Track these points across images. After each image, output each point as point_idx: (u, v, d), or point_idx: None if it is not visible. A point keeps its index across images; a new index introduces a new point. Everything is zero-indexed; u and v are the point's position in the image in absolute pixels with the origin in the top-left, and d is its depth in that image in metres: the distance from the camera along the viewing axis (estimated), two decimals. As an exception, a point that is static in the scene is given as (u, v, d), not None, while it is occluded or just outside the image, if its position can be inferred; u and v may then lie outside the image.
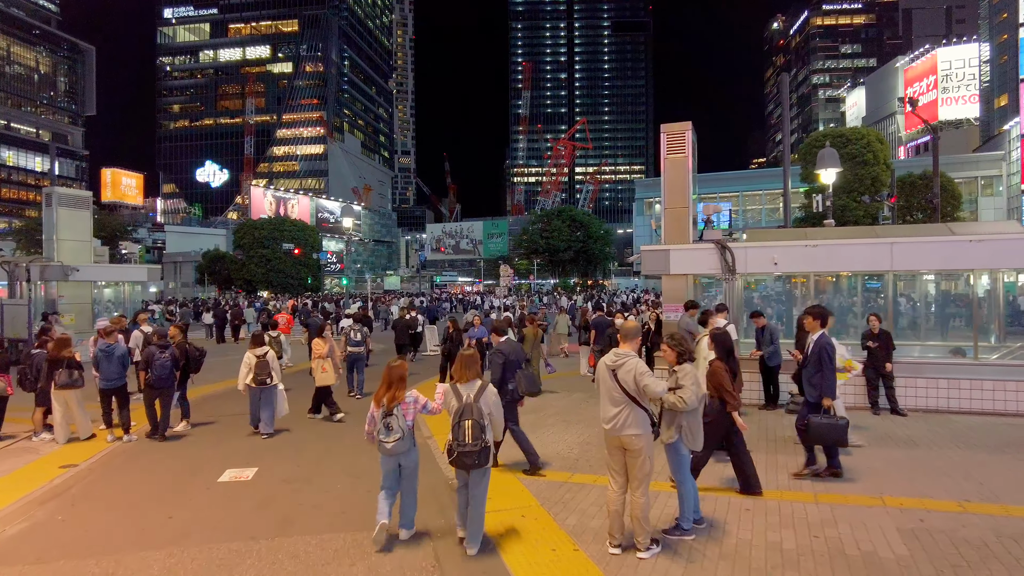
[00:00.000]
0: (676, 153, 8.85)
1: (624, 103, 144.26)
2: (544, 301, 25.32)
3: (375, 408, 3.95)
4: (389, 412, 3.87)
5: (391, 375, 3.97)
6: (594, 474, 5.40)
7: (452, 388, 3.91)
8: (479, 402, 3.79)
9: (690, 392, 3.74)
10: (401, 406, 3.90)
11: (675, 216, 8.89)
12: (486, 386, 3.92)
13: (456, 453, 3.69)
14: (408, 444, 3.93)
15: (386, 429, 3.85)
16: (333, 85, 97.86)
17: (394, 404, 3.88)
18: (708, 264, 8.52)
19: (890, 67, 74.52)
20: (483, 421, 3.74)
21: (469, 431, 3.67)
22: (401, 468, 3.98)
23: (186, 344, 7.50)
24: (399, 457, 3.94)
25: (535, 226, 58.28)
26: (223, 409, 9.01)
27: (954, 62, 64.13)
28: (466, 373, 3.92)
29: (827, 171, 12.46)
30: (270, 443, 7.01)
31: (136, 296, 15.95)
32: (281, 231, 46.40)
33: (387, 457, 3.94)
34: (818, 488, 4.90)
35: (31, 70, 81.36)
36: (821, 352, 4.93)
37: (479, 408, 3.76)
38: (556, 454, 6.14)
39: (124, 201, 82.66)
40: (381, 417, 3.89)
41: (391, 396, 3.91)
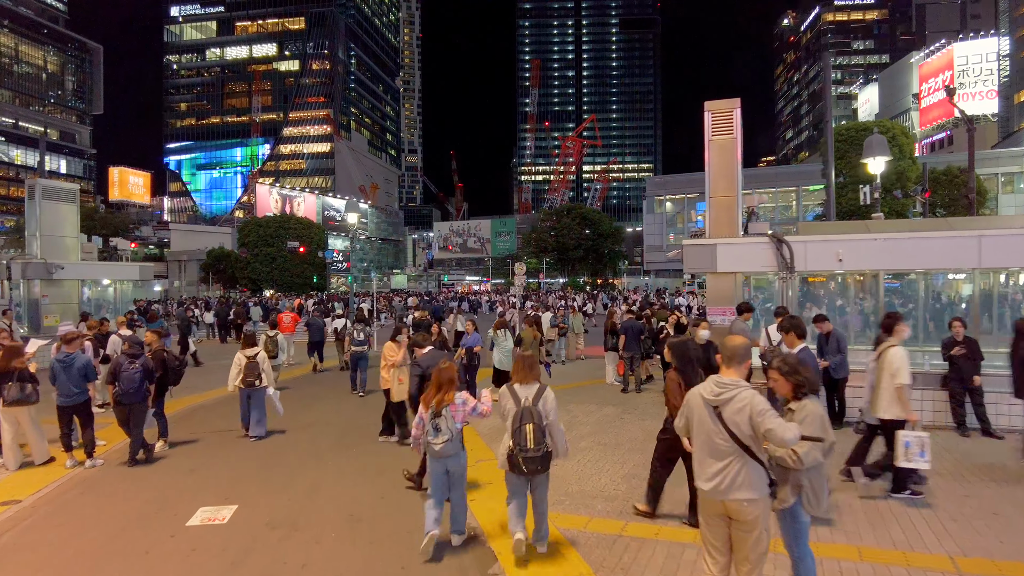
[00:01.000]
0: (722, 134, 7.75)
1: (632, 101, 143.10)
2: (562, 304, 24.26)
3: (423, 410, 3.93)
4: (438, 413, 3.84)
5: (440, 376, 3.94)
6: (653, 522, 4.34)
7: (509, 390, 3.77)
8: (538, 405, 3.66)
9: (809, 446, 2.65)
10: (450, 408, 3.87)
11: (721, 206, 7.80)
12: (545, 389, 3.77)
13: (519, 459, 3.54)
14: (457, 447, 3.88)
15: (435, 431, 3.81)
16: (340, 83, 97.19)
17: (443, 406, 3.85)
18: (760, 260, 7.41)
19: (904, 63, 72.91)
20: (544, 425, 3.62)
21: (531, 435, 3.54)
22: (449, 473, 3.92)
23: (164, 352, 6.50)
24: (447, 461, 3.88)
25: (544, 224, 57.16)
26: (209, 423, 8.04)
27: (971, 57, 62.66)
28: (527, 375, 3.78)
29: (875, 160, 11.27)
30: (256, 465, 6.07)
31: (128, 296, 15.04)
32: (286, 229, 45.56)
33: (435, 460, 3.89)
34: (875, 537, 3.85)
35: (39, 69, 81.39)
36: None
37: (539, 411, 3.63)
38: (599, 491, 5.07)
39: (132, 200, 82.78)
40: (430, 419, 3.85)
41: (440, 398, 3.87)
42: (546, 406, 3.68)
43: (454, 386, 3.97)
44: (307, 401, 9.61)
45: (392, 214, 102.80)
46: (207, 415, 8.63)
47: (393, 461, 6.01)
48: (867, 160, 11.52)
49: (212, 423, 8.04)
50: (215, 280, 46.74)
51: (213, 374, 11.88)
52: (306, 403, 9.41)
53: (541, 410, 3.65)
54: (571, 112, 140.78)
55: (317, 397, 10.03)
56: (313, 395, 10.19)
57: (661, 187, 64.95)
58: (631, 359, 9.48)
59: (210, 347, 17.26)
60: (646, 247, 66.15)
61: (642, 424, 7.38)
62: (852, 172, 28.99)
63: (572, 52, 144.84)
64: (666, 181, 65.59)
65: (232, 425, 7.62)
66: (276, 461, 6.19)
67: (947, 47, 64.07)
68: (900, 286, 8.70)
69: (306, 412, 8.64)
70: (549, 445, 3.61)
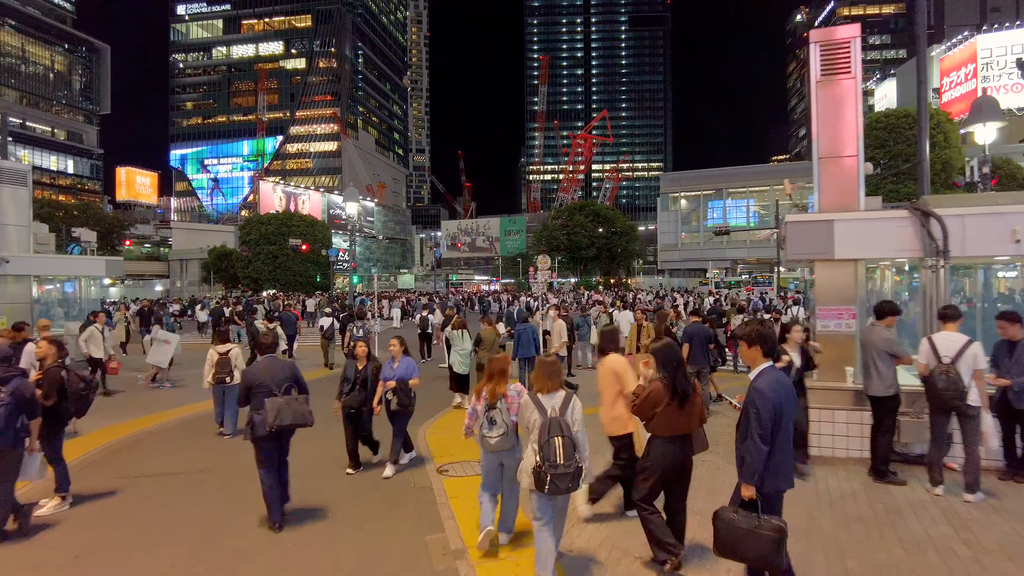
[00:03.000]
0: (836, 72, 5.72)
1: (642, 99, 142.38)
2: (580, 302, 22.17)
3: (476, 401, 3.88)
4: (492, 405, 3.75)
5: (491, 367, 3.86)
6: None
7: (532, 400, 3.50)
8: (566, 415, 3.41)
9: None
10: (504, 399, 3.77)
11: (836, 171, 5.78)
12: (571, 397, 3.51)
13: (548, 476, 3.22)
14: (512, 440, 3.76)
15: (489, 423, 3.73)
16: (347, 82, 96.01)
17: (496, 397, 3.77)
18: (895, 242, 5.39)
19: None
20: (574, 437, 3.33)
21: (561, 450, 3.25)
22: (504, 468, 3.80)
23: (62, 372, 4.58)
24: (501, 455, 3.79)
25: (555, 221, 55.12)
26: (151, 461, 6.17)
27: (995, 49, 60.64)
28: (548, 383, 3.52)
29: (986, 127, 9.11)
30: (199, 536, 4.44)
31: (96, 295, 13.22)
32: (289, 227, 43.94)
33: (489, 454, 3.81)
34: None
35: (46, 69, 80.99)
36: None
37: (566, 423, 3.37)
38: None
39: (139, 200, 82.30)
40: (484, 411, 3.78)
41: (492, 389, 3.79)
42: (574, 415, 3.45)
43: (506, 377, 3.86)
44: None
45: (399, 213, 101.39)
46: (156, 446, 6.76)
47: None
48: (973, 127, 9.37)
49: (154, 460, 6.19)
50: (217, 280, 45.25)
51: (187, 387, 10.45)
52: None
53: (570, 420, 3.40)
54: (580, 110, 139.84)
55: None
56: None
57: (676, 183, 62.85)
58: (698, 373, 7.48)
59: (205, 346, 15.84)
60: (660, 245, 64.05)
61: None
62: (892, 161, 26.63)
63: (581, 50, 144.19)
64: (681, 177, 63.46)
65: (183, 465, 5.96)
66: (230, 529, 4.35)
67: (970, 39, 61.97)
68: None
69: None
70: (580, 460, 3.35)
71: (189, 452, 6.52)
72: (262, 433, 4.31)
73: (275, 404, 4.32)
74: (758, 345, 3.03)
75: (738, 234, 54.11)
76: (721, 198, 58.49)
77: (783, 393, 2.89)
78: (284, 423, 4.32)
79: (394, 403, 5.45)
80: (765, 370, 2.99)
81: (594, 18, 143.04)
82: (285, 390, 4.43)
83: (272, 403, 4.32)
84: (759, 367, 3.04)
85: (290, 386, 4.50)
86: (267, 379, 4.42)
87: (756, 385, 2.94)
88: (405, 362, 5.65)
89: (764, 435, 2.81)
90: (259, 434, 4.32)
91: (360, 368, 5.58)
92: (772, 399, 2.83)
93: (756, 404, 2.86)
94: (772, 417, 2.83)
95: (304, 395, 4.58)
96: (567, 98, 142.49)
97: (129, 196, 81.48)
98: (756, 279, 40.60)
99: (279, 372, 4.51)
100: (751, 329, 3.05)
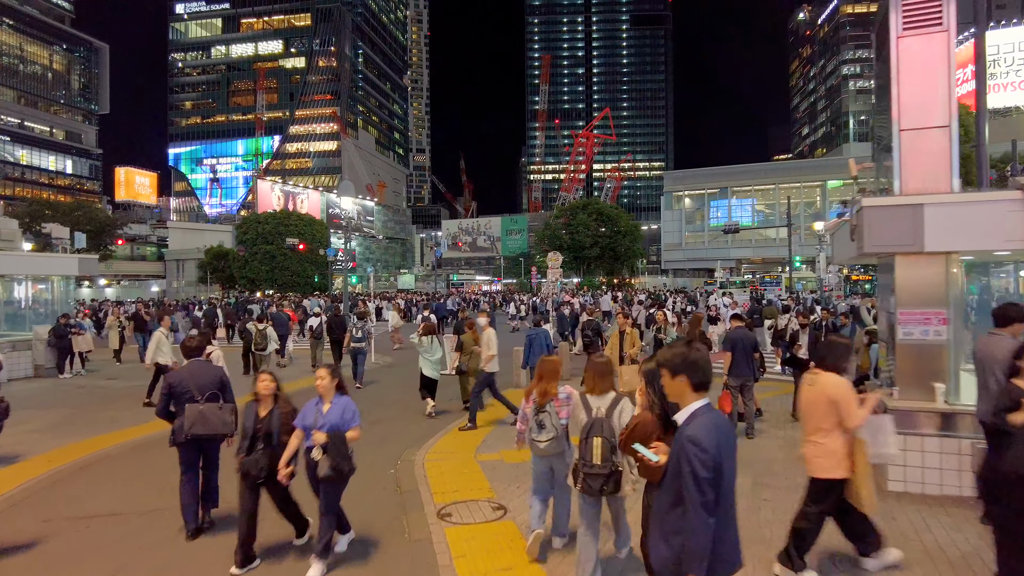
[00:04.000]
0: (924, 24, 4.69)
1: (643, 98, 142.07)
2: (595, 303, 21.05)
3: (526, 404, 3.78)
4: (541, 408, 3.62)
5: (543, 368, 3.71)
6: None
7: (581, 400, 3.45)
8: (611, 418, 3.31)
9: None
10: (554, 402, 3.63)
11: (924, 145, 4.74)
12: (621, 399, 3.41)
13: (582, 475, 3.23)
14: (563, 444, 3.65)
15: (538, 427, 3.61)
16: (347, 81, 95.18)
17: (546, 400, 3.63)
18: (1004, 231, 4.33)
19: None
20: (614, 440, 3.22)
21: (598, 450, 3.21)
22: (554, 472, 3.72)
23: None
24: (551, 459, 3.70)
25: (557, 220, 54.04)
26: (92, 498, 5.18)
27: (1002, 46, 60.07)
28: (599, 383, 3.42)
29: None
30: None
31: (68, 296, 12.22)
32: (286, 226, 42.84)
33: (539, 458, 3.71)
34: None
35: (45, 68, 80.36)
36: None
37: (610, 425, 3.27)
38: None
39: (138, 200, 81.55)
40: (533, 414, 3.66)
41: (542, 390, 3.67)
42: (621, 419, 3.29)
43: (557, 378, 3.71)
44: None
45: (399, 212, 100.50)
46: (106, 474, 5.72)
47: None
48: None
49: (98, 495, 5.14)
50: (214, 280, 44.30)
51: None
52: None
53: (615, 424, 3.27)
54: (581, 110, 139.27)
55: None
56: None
57: (679, 182, 61.87)
58: (741, 387, 6.44)
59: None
60: (664, 245, 63.03)
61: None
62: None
63: (582, 49, 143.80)
64: (685, 175, 62.48)
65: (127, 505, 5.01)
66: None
67: (970, 40, 60.96)
68: None
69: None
70: (619, 464, 3.20)
71: (142, 484, 5.49)
72: (180, 440, 4.13)
73: (193, 411, 4.10)
74: (684, 375, 2.16)
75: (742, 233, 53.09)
76: (726, 197, 57.50)
77: (724, 443, 2.07)
78: (199, 432, 4.08)
79: (323, 466, 3.55)
80: (698, 411, 2.13)
81: (595, 17, 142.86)
82: (208, 397, 4.19)
83: (191, 410, 4.10)
84: (689, 406, 2.16)
85: (214, 393, 4.24)
86: (191, 384, 4.19)
87: (689, 434, 2.07)
88: (339, 404, 3.73)
89: (708, 502, 2.04)
90: (178, 440, 4.15)
91: (262, 415, 3.82)
92: (712, 452, 2.02)
93: (692, 460, 2.02)
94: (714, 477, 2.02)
95: (229, 404, 4.30)
96: (568, 97, 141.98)
97: (128, 196, 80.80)
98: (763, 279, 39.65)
99: (204, 377, 4.28)
100: (675, 354, 2.23)
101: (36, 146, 77.13)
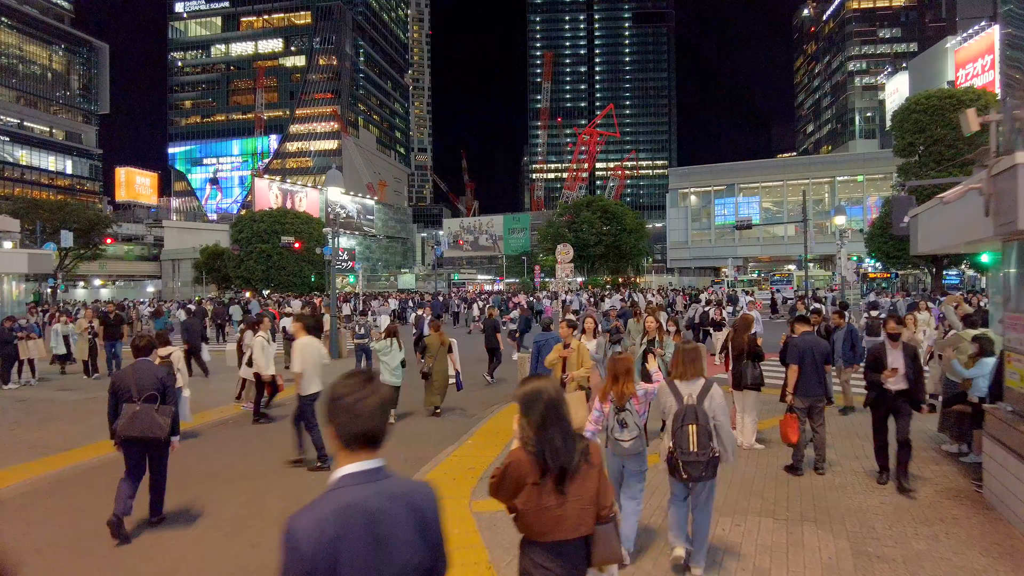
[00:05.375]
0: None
1: (646, 96, 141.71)
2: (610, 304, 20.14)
3: (600, 404, 3.67)
4: (622, 407, 3.56)
5: (616, 367, 3.61)
6: None
7: (669, 386, 3.49)
8: (703, 404, 3.31)
9: None
10: (632, 400, 3.59)
11: None
12: (711, 385, 3.41)
13: (679, 463, 3.25)
14: (643, 443, 3.60)
15: (620, 426, 3.55)
16: (347, 79, 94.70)
17: (625, 399, 3.57)
18: None
19: (938, 49, 69.62)
20: (709, 426, 3.26)
21: (694, 438, 3.22)
22: (624, 470, 3.65)
23: None
24: (625, 458, 3.62)
25: (560, 218, 53.16)
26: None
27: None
28: (688, 369, 3.43)
29: None
30: None
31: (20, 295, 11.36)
32: (282, 224, 41.96)
33: (616, 457, 3.63)
34: None
35: (44, 68, 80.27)
36: None
37: (703, 411, 3.28)
38: None
39: (139, 201, 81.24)
40: (614, 413, 3.59)
41: (619, 390, 3.58)
42: (713, 404, 3.32)
43: (632, 376, 3.61)
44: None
45: (400, 211, 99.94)
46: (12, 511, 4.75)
47: None
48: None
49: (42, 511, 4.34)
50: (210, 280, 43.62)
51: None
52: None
53: (707, 410, 3.29)
54: (583, 108, 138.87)
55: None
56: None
57: (685, 178, 61.00)
58: (810, 409, 5.26)
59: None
60: (670, 243, 62.15)
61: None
62: (933, 147, 24.54)
63: (584, 47, 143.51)
64: (690, 172, 61.61)
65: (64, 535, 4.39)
66: None
67: (987, 29, 60.54)
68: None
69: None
70: (715, 449, 3.24)
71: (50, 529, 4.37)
72: (117, 440, 4.13)
73: (128, 412, 4.04)
74: (332, 425, 1.43)
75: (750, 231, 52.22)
76: (732, 194, 56.65)
77: (345, 550, 1.30)
78: (131, 434, 4.02)
79: None
80: (342, 482, 1.39)
81: (597, 15, 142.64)
82: (146, 398, 4.12)
83: (126, 410, 4.05)
84: (338, 472, 1.42)
85: (153, 395, 4.14)
86: (131, 384, 4.15)
87: (290, 521, 1.32)
88: None
89: None
90: (116, 441, 4.14)
91: None
92: (308, 557, 1.26)
93: (281, 565, 1.28)
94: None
95: (167, 406, 4.18)
96: (570, 95, 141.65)
97: (129, 197, 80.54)
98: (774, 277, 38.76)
99: (146, 378, 4.20)
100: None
101: (36, 146, 77.01)
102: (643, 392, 3.66)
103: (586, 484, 2.05)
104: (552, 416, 2.04)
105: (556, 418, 2.05)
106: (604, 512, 2.11)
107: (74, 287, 51.82)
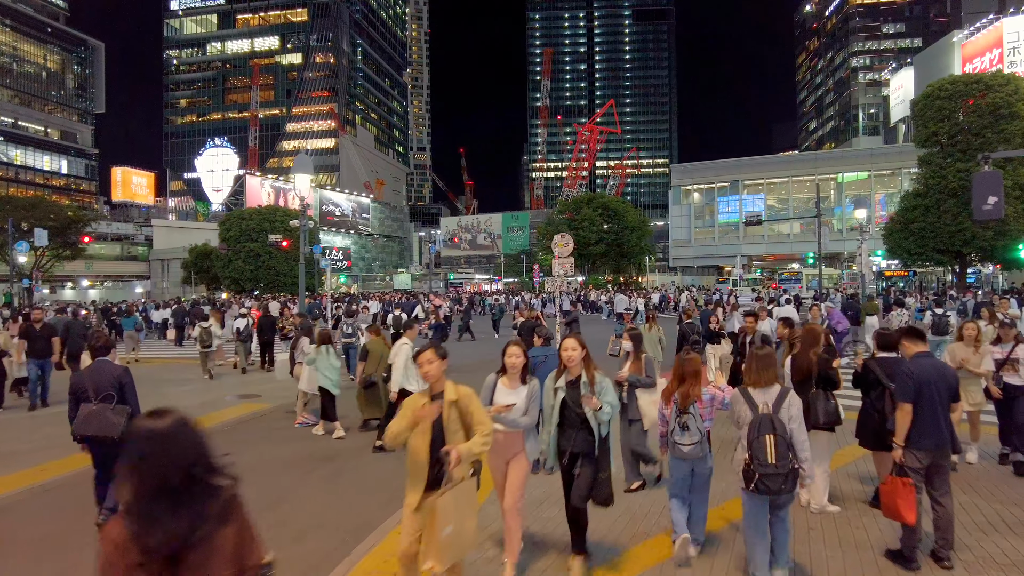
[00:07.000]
0: None
1: (646, 94, 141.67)
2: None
3: (664, 405, 3.63)
4: (684, 410, 3.49)
5: (683, 368, 3.54)
6: None
7: (743, 393, 3.30)
8: (779, 413, 3.15)
9: None
10: (697, 404, 3.50)
11: None
12: (788, 392, 3.24)
13: (756, 476, 3.04)
14: (706, 448, 3.51)
15: (681, 430, 3.47)
16: (345, 77, 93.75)
17: (689, 402, 3.49)
18: None
19: (944, 43, 68.54)
20: (788, 436, 3.10)
21: (772, 449, 3.03)
22: (694, 474, 3.59)
23: None
24: (693, 463, 3.55)
25: (561, 216, 51.98)
26: None
27: (1023, 33, 58.97)
28: (763, 375, 3.27)
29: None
30: None
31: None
32: (272, 222, 40.70)
33: (679, 461, 3.57)
34: None
35: (39, 67, 79.63)
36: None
37: (780, 420, 3.11)
38: None
39: (135, 201, 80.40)
40: (676, 416, 3.51)
41: (685, 392, 3.51)
42: (791, 413, 3.16)
43: (699, 378, 3.55)
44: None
45: (397, 210, 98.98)
46: None
47: None
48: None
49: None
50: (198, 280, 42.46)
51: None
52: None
53: (784, 418, 3.13)
54: (583, 106, 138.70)
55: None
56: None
57: (688, 175, 59.76)
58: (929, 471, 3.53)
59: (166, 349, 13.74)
60: (672, 241, 60.92)
61: None
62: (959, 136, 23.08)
63: (584, 45, 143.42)
64: (693, 168, 60.37)
65: None
66: None
67: (995, 23, 59.68)
68: None
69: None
70: (795, 461, 3.06)
71: None
72: (76, 440, 4.24)
73: (84, 411, 4.15)
74: None
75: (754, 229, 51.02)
76: (736, 191, 55.42)
77: None
78: (87, 432, 4.11)
79: None
80: None
81: (597, 12, 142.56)
82: (102, 398, 4.21)
83: (82, 410, 4.16)
84: None
85: (110, 394, 4.23)
86: (88, 384, 4.25)
87: None
88: None
89: None
90: (76, 440, 4.25)
91: None
92: None
93: None
94: None
95: (122, 406, 4.24)
96: (570, 93, 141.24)
97: (125, 196, 79.73)
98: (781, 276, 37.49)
99: (103, 378, 4.31)
100: None
101: (31, 146, 76.25)
102: (709, 396, 3.58)
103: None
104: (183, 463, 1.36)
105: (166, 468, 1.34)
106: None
107: (61, 288, 50.75)
